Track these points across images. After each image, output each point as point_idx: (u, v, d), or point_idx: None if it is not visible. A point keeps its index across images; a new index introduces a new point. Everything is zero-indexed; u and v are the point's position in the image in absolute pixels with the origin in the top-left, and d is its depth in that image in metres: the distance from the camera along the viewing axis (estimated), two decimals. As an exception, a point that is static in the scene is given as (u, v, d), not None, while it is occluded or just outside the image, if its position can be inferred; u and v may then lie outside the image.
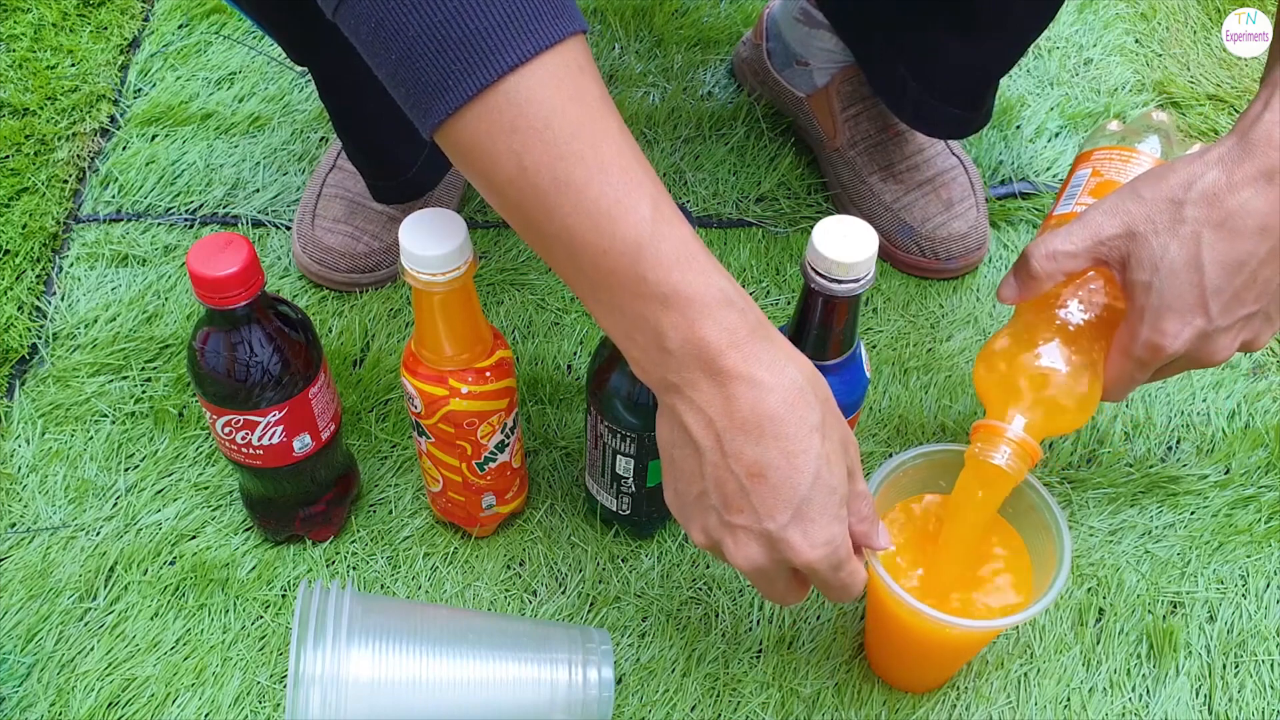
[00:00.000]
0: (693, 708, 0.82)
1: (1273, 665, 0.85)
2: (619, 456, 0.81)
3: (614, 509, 0.87)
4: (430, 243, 0.68)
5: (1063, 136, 1.19)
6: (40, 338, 1.01)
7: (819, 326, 0.73)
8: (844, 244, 0.68)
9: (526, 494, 0.91)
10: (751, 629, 0.86)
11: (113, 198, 1.11)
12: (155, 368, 0.99)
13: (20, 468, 0.93)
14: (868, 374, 0.79)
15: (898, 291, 1.07)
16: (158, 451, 0.94)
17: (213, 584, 0.87)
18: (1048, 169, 1.16)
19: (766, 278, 1.07)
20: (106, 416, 0.96)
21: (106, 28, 1.26)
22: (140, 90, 1.21)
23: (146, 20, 1.28)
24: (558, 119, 0.56)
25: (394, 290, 1.05)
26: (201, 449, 0.94)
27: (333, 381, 0.83)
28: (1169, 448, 0.97)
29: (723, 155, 1.16)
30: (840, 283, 0.69)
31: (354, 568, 0.89)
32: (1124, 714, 0.83)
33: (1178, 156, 0.79)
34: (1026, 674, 0.84)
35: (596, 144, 0.56)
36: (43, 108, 1.18)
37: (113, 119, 1.18)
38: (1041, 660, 0.85)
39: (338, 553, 0.89)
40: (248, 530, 0.90)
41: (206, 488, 0.92)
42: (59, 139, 1.15)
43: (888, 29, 0.99)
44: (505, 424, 0.80)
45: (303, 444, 0.80)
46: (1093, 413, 0.75)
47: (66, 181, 1.12)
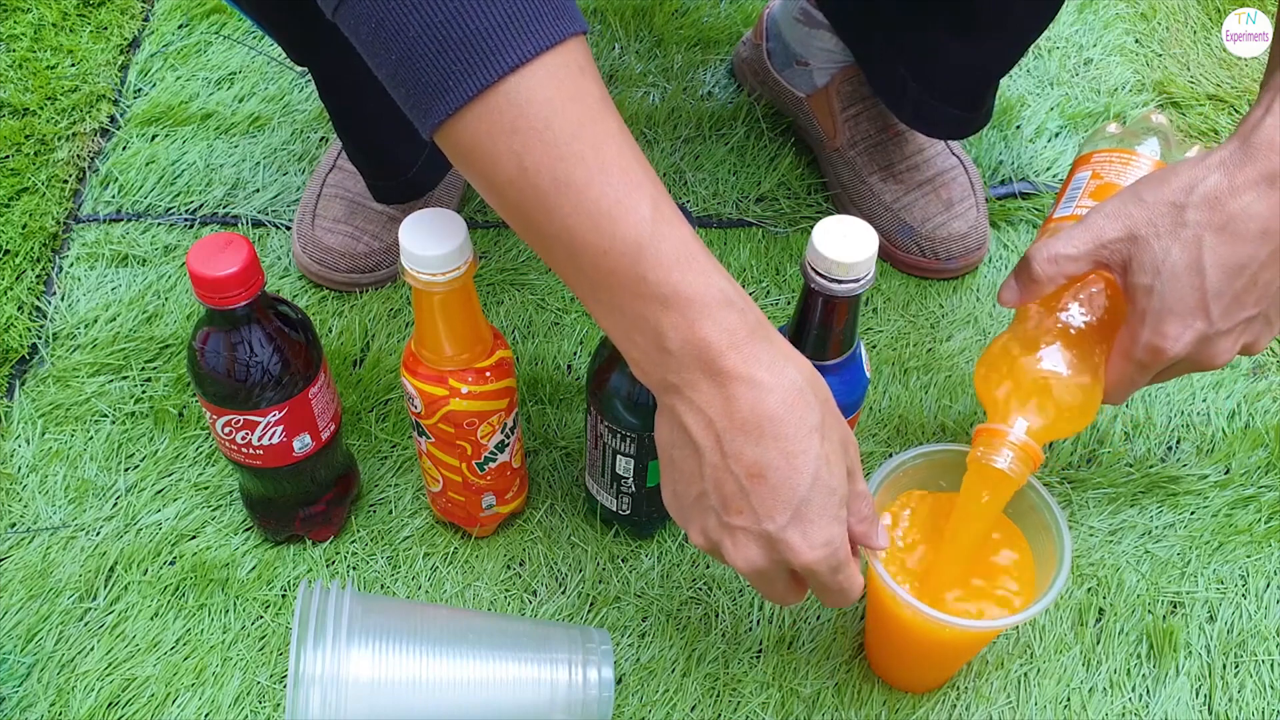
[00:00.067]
0: (693, 708, 0.82)
1: (1273, 665, 0.85)
2: (619, 456, 0.81)
3: (614, 509, 0.87)
4: (430, 243, 0.68)
5: (1063, 136, 1.19)
6: (40, 338, 1.01)
7: (819, 326, 0.73)
8: (844, 244, 0.68)
9: (526, 494, 0.91)
10: (751, 629, 0.86)
11: (113, 198, 1.11)
12: (155, 368, 0.99)
13: (20, 468, 0.93)
14: (868, 374, 0.79)
15: (898, 291, 1.07)
16: (158, 451, 0.94)
17: (213, 584, 0.87)
18: (1048, 169, 1.16)
19: (766, 278, 1.07)
20: (106, 416, 0.96)
21: (106, 28, 1.26)
22: (140, 90, 1.21)
23: (146, 20, 1.28)
24: (558, 119, 0.56)
25: (394, 290, 1.05)
26: (201, 449, 0.94)
27: (333, 381, 0.83)
28: (1169, 448, 0.97)
29: (723, 155, 1.16)
30: (840, 283, 0.69)
31: (354, 568, 0.89)
32: (1124, 714, 0.83)
33: (1177, 159, 0.79)
34: (1026, 674, 0.84)
35: (597, 144, 0.56)
36: (43, 108, 1.18)
37: (113, 119, 1.18)
38: (1041, 660, 0.85)
39: (338, 553, 0.89)
40: (248, 530, 0.90)
41: (206, 488, 0.92)
42: (59, 139, 1.15)
43: (888, 29, 0.99)
44: (505, 424, 0.80)
45: (303, 444, 0.80)
46: (1094, 416, 0.75)
47: (66, 181, 1.12)
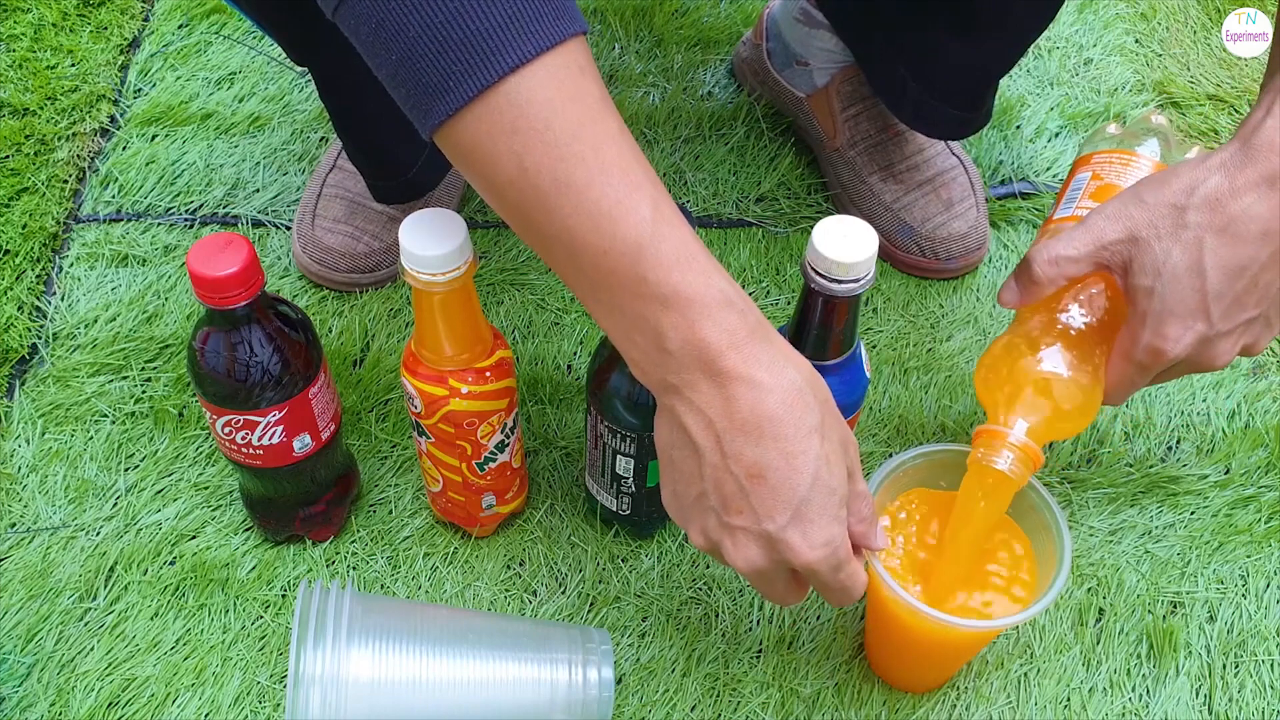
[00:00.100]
0: (693, 708, 0.82)
1: (1273, 665, 0.85)
2: (619, 456, 0.81)
3: (614, 509, 0.87)
4: (430, 243, 0.68)
5: (1063, 136, 1.19)
6: (40, 338, 1.01)
7: (819, 326, 0.73)
8: (844, 244, 0.68)
9: (526, 494, 0.91)
10: (751, 629, 0.86)
11: (113, 198, 1.11)
12: (155, 368, 0.99)
13: (20, 468, 0.93)
14: (868, 374, 0.79)
15: (898, 291, 1.07)
16: (158, 451, 0.94)
17: (213, 584, 0.87)
18: (1048, 169, 1.16)
19: (766, 278, 1.07)
20: (106, 416, 0.96)
21: (106, 28, 1.26)
22: (140, 90, 1.21)
23: (146, 20, 1.28)
24: (558, 120, 0.56)
25: (394, 290, 1.05)
26: (201, 449, 0.94)
27: (333, 381, 0.83)
28: (1169, 448, 0.97)
29: (723, 155, 1.16)
30: (840, 283, 0.69)
31: (354, 568, 0.89)
32: (1124, 714, 0.83)
33: (1177, 160, 0.79)
34: (1026, 674, 0.84)
35: (597, 145, 0.56)
36: (43, 108, 1.18)
37: (113, 119, 1.18)
38: (1041, 660, 0.85)
39: (338, 553, 0.89)
40: (248, 530, 0.90)
41: (206, 488, 0.92)
42: (59, 139, 1.15)
43: (888, 29, 0.99)
44: (505, 424, 0.80)
45: (303, 444, 0.80)
46: (1094, 417, 0.75)
47: (66, 181, 1.12)
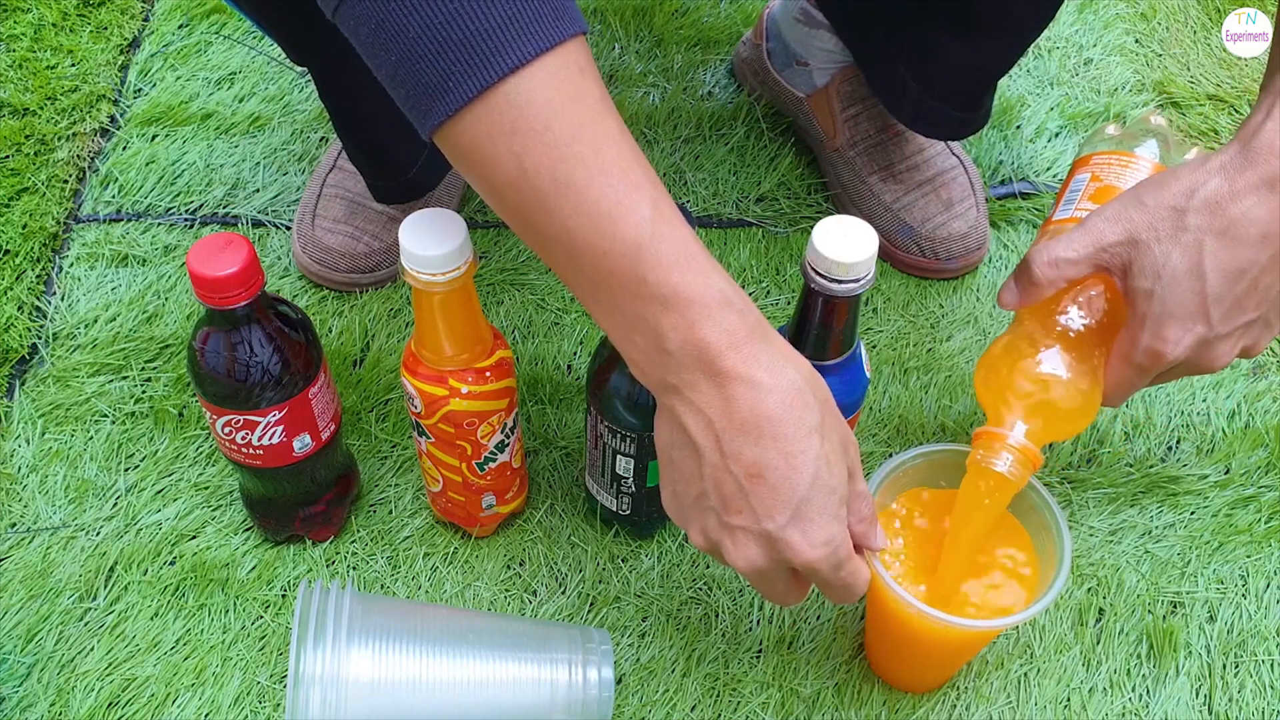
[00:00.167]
0: (693, 708, 0.82)
1: (1273, 665, 0.85)
2: (619, 456, 0.81)
3: (614, 509, 0.87)
4: (430, 243, 0.68)
5: (1063, 136, 1.19)
6: (40, 338, 1.01)
7: (819, 326, 0.73)
8: (844, 244, 0.68)
9: (526, 494, 0.91)
10: (751, 629, 0.86)
11: (113, 198, 1.11)
12: (155, 368, 0.99)
13: (20, 468, 0.93)
14: (868, 374, 0.79)
15: (898, 291, 1.07)
16: (158, 451, 0.94)
17: (213, 584, 0.87)
18: (1048, 169, 1.16)
19: (766, 278, 1.07)
20: (106, 416, 0.96)
21: (106, 28, 1.26)
22: (140, 90, 1.21)
23: (146, 20, 1.28)
24: (558, 121, 0.56)
25: (394, 290, 1.05)
26: (201, 449, 0.94)
27: (333, 381, 0.83)
28: (1169, 448, 0.97)
29: (723, 155, 1.16)
30: (840, 283, 0.69)
31: (354, 568, 0.89)
32: (1124, 714, 0.83)
33: (1176, 161, 0.79)
34: (1026, 674, 0.84)
35: (597, 146, 0.56)
36: (43, 108, 1.18)
37: (113, 119, 1.18)
38: (1041, 660, 0.85)
39: (338, 553, 0.89)
40: (248, 530, 0.90)
41: (206, 488, 0.92)
42: (59, 139, 1.15)
43: (888, 29, 0.99)
44: (505, 424, 0.80)
45: (303, 444, 0.80)
46: (1093, 418, 0.75)
47: (66, 181, 1.12)
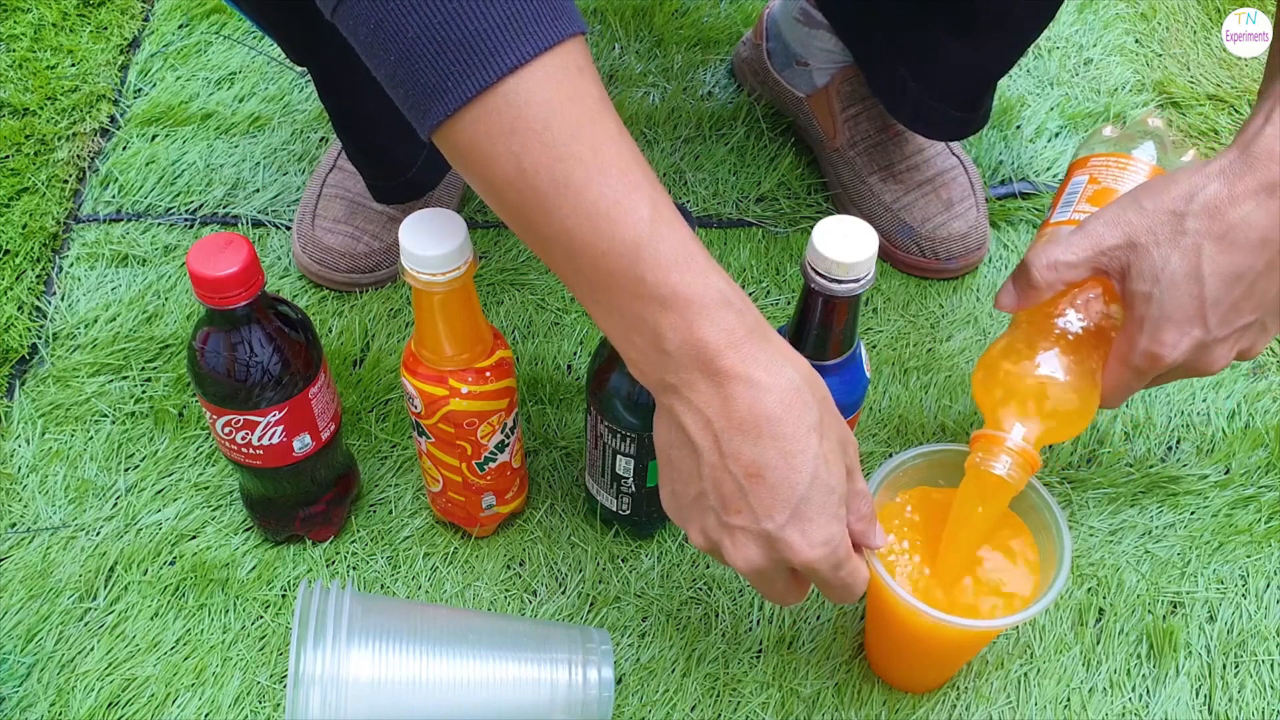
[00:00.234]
0: (693, 708, 0.82)
1: (1273, 665, 0.85)
2: (619, 456, 0.81)
3: (614, 509, 0.87)
4: (430, 243, 0.68)
5: (1063, 136, 1.19)
6: (40, 338, 1.01)
7: (819, 326, 0.73)
8: (844, 244, 0.68)
9: (526, 494, 0.91)
10: (751, 629, 0.86)
11: (113, 198, 1.11)
12: (155, 368, 0.99)
13: (20, 468, 0.93)
14: (868, 374, 0.79)
15: (898, 291, 1.07)
16: (158, 451, 0.94)
17: (213, 584, 0.87)
18: (1048, 169, 1.16)
19: (766, 278, 1.07)
20: (106, 416, 0.96)
21: (106, 28, 1.26)
22: (140, 90, 1.21)
23: (146, 20, 1.28)
24: (557, 120, 0.56)
25: (394, 290, 1.05)
26: (201, 449, 0.94)
27: (333, 381, 0.83)
28: (1169, 448, 0.97)
29: (723, 155, 1.16)
30: (840, 283, 0.69)
31: (354, 568, 0.89)
32: (1124, 714, 0.83)
33: (1174, 163, 0.80)
34: (1026, 674, 0.84)
35: (596, 145, 0.56)
36: (43, 108, 1.18)
37: (113, 119, 1.18)
38: (1041, 660, 0.85)
39: (338, 553, 0.89)
40: (248, 530, 0.90)
41: (206, 488, 0.92)
42: (59, 139, 1.15)
43: (888, 29, 0.99)
44: (505, 424, 0.80)
45: (303, 444, 0.80)
46: (1091, 420, 0.75)
47: (66, 181, 1.12)
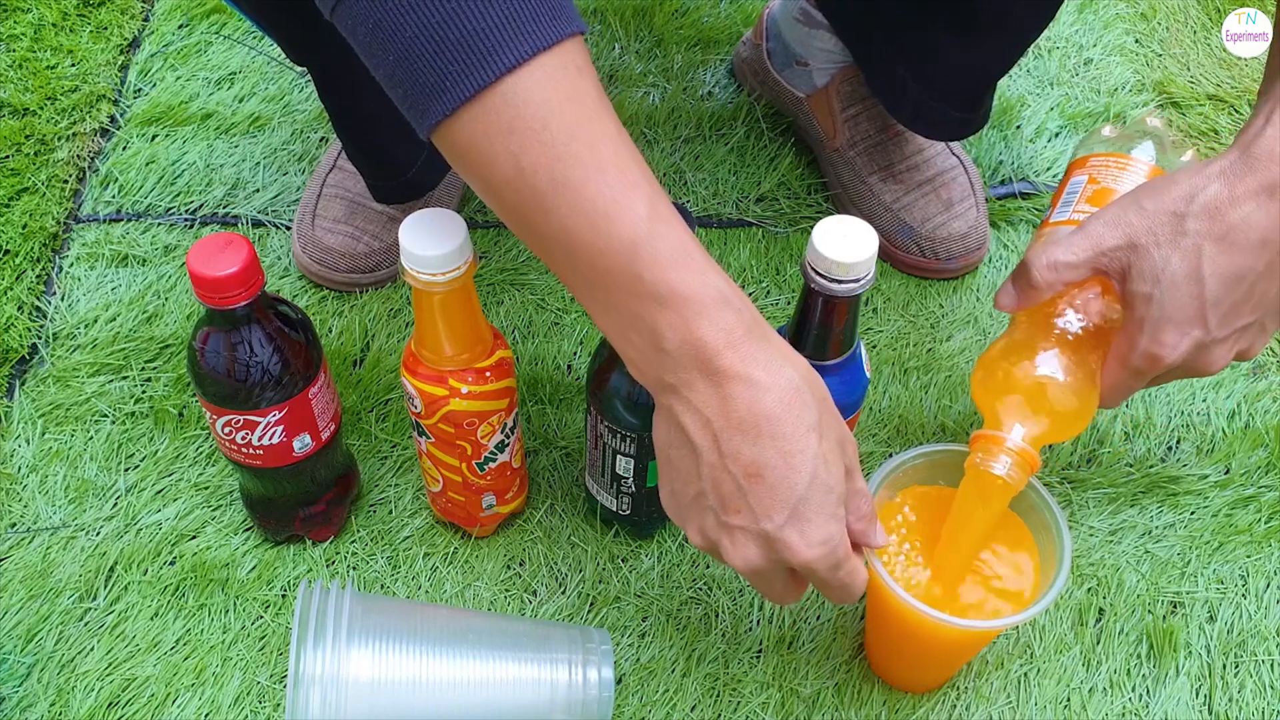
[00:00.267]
0: (693, 708, 0.82)
1: (1273, 665, 0.85)
2: (619, 456, 0.81)
3: (614, 509, 0.87)
4: (430, 243, 0.68)
5: (1063, 136, 1.19)
6: (40, 338, 1.01)
7: (819, 326, 0.73)
8: (844, 244, 0.68)
9: (526, 494, 0.91)
10: (751, 629, 0.86)
11: (113, 198, 1.11)
12: (155, 368, 0.99)
13: (20, 468, 0.93)
14: (868, 374, 0.79)
15: (898, 291, 1.07)
16: (158, 451, 0.94)
17: (213, 584, 0.87)
18: (1048, 169, 1.16)
19: (766, 278, 1.07)
20: (106, 416, 0.96)
21: (106, 28, 1.26)
22: (140, 90, 1.21)
23: (146, 20, 1.28)
24: (555, 120, 0.56)
25: (394, 290, 1.05)
26: (201, 449, 0.94)
27: (333, 381, 0.83)
28: (1169, 448, 0.97)
29: (723, 155, 1.16)
30: (840, 283, 0.69)
31: (354, 568, 0.89)
32: (1124, 714, 0.83)
33: (1173, 163, 0.80)
34: (1026, 674, 0.84)
35: (594, 145, 0.56)
36: (43, 108, 1.18)
37: (113, 119, 1.18)
38: (1041, 660, 0.85)
39: (338, 553, 0.89)
40: (248, 530, 0.90)
41: (206, 488, 0.92)
42: (59, 139, 1.15)
43: (888, 29, 0.99)
44: (505, 424, 0.80)
45: (303, 444, 0.80)
46: (1090, 420, 0.75)
47: (66, 181, 1.12)
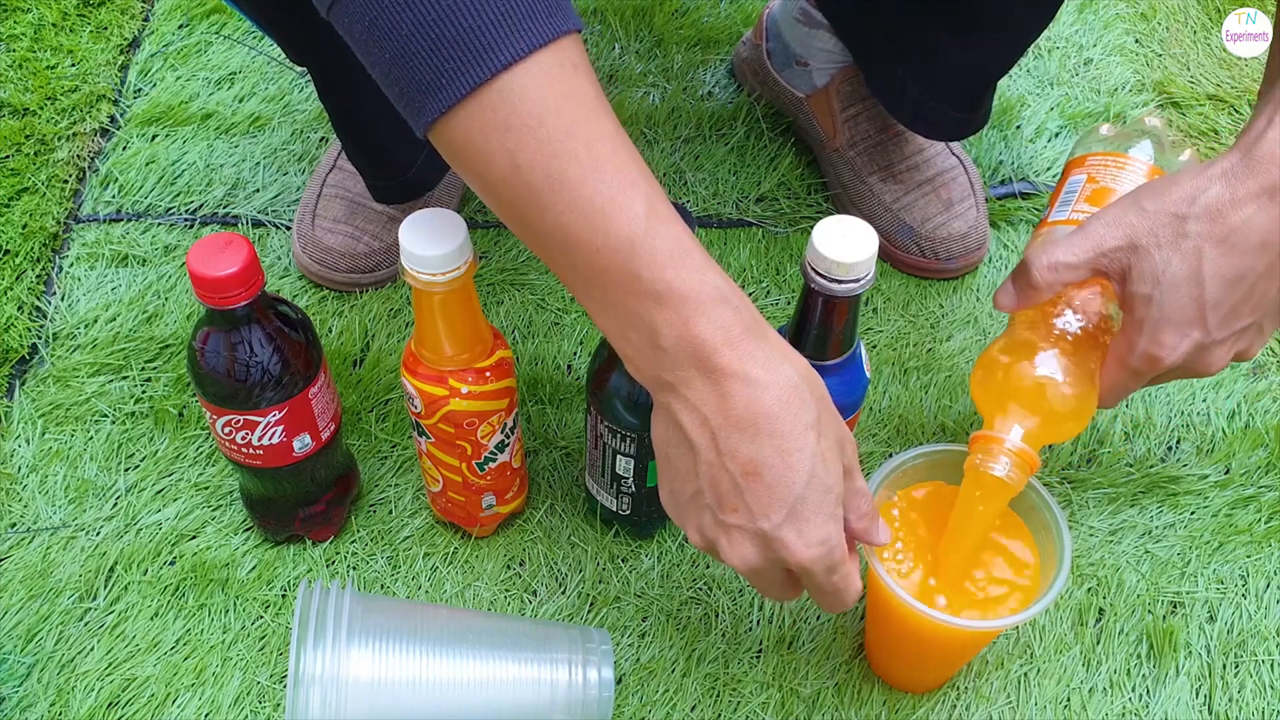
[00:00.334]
0: (693, 708, 0.82)
1: (1273, 665, 0.85)
2: (619, 456, 0.81)
3: (614, 509, 0.87)
4: (430, 243, 0.68)
5: (1063, 136, 1.19)
6: (40, 338, 1.01)
7: (819, 326, 0.72)
8: (844, 244, 0.68)
9: (526, 494, 0.91)
10: (751, 629, 0.86)
11: (113, 198, 1.11)
12: (155, 368, 0.99)
13: (20, 468, 0.93)
14: (868, 374, 0.79)
15: (898, 291, 1.07)
16: (158, 451, 0.94)
17: (213, 584, 0.87)
18: (1048, 169, 1.16)
19: (766, 278, 1.07)
20: (106, 416, 0.96)
21: (106, 28, 1.26)
22: (140, 90, 1.21)
23: (146, 20, 1.28)
24: (551, 117, 0.56)
25: (394, 290, 1.05)
26: (201, 449, 0.94)
27: (333, 381, 0.83)
28: (1169, 448, 0.97)
29: (723, 155, 1.16)
30: (840, 283, 0.69)
31: (354, 568, 0.89)
32: (1124, 714, 0.83)
33: (1172, 163, 0.80)
34: (1026, 674, 0.84)
35: (591, 142, 0.56)
36: (43, 108, 1.18)
37: (113, 119, 1.18)
38: (1041, 660, 0.85)
39: (338, 553, 0.89)
40: (248, 530, 0.90)
41: (206, 488, 0.92)
42: (59, 139, 1.15)
43: (888, 29, 0.99)
44: (505, 424, 0.80)
45: (303, 444, 0.80)
46: (1090, 421, 0.75)
47: (66, 181, 1.12)
